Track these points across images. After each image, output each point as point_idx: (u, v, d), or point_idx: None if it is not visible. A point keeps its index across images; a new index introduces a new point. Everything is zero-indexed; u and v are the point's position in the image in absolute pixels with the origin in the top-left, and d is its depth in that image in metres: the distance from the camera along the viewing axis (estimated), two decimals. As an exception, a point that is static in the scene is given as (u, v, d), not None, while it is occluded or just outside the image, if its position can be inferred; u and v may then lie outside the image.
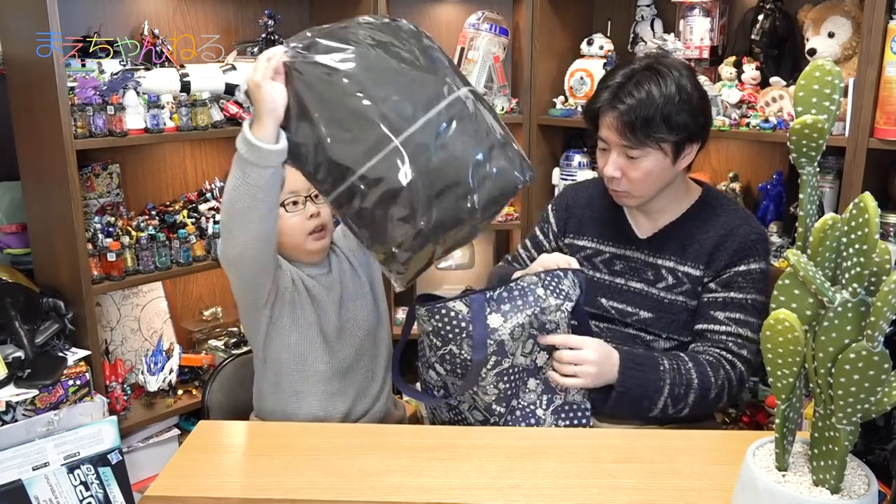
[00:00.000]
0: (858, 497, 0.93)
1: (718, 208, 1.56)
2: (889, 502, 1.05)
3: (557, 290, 1.39)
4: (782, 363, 0.92)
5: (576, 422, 1.43)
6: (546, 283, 1.40)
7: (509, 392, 1.40)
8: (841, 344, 0.87)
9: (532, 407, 1.42)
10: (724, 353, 1.47)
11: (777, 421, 0.98)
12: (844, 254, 0.87)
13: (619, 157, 1.48)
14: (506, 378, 1.38)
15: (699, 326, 1.51)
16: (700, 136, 1.50)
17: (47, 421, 1.84)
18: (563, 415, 1.43)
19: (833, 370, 0.87)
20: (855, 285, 0.86)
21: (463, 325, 1.35)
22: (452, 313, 1.35)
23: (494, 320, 1.35)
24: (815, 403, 0.95)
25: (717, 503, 1.11)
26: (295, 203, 1.50)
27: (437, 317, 1.36)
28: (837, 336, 0.87)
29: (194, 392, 2.40)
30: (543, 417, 1.42)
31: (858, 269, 0.85)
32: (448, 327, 1.36)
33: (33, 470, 1.78)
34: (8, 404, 1.88)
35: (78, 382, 2.02)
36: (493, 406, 1.40)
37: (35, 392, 1.93)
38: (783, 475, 0.98)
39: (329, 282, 1.56)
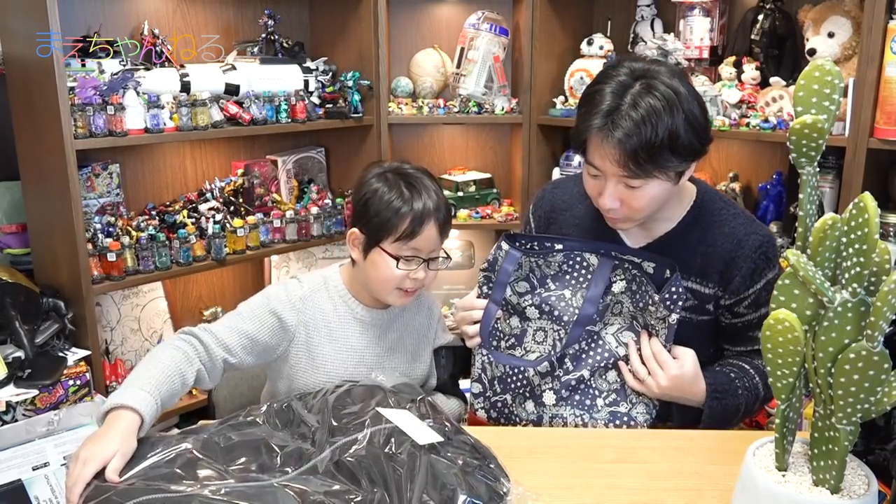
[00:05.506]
0: (858, 497, 0.93)
1: (717, 213, 1.43)
2: (889, 502, 1.05)
3: (670, 301, 1.32)
4: (782, 363, 0.92)
5: None
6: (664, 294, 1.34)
7: (589, 361, 1.38)
8: (841, 344, 0.87)
9: (595, 392, 1.39)
10: None
11: (777, 421, 0.98)
12: (844, 254, 0.87)
13: (618, 187, 1.31)
14: (593, 344, 1.38)
15: (740, 348, 1.46)
16: (704, 152, 1.34)
17: (47, 421, 1.84)
18: (616, 422, 1.38)
19: (833, 370, 0.87)
20: (855, 285, 0.86)
21: (588, 276, 1.38)
22: (585, 262, 1.38)
23: (617, 286, 1.37)
24: (815, 403, 0.95)
25: (717, 503, 1.11)
26: (409, 260, 1.37)
27: (570, 262, 1.39)
28: (837, 336, 0.87)
29: (194, 392, 2.40)
30: (599, 409, 1.38)
31: (858, 269, 0.85)
32: (573, 271, 1.39)
33: (33, 470, 1.77)
34: (8, 404, 1.88)
35: (78, 382, 2.02)
36: (567, 361, 1.38)
37: (35, 392, 1.92)
38: (783, 475, 0.98)
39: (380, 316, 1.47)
